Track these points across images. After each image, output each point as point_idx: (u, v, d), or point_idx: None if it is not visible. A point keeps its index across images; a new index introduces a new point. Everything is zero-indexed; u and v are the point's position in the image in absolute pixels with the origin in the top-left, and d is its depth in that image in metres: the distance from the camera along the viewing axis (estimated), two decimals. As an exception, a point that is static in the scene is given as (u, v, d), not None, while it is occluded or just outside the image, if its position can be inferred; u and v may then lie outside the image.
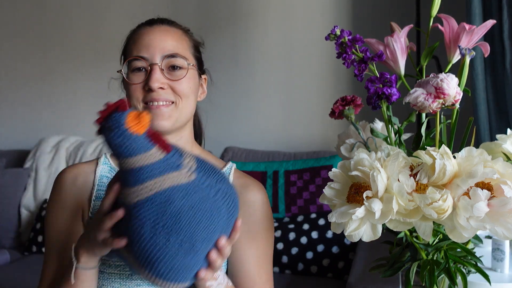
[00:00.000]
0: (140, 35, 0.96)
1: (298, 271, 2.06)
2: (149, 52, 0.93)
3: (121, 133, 0.66)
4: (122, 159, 0.67)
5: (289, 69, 2.63)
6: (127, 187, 0.68)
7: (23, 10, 3.10)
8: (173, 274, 0.68)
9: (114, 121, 0.66)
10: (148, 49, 0.93)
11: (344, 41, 0.73)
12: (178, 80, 0.94)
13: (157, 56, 0.93)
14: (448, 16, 0.76)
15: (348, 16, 2.53)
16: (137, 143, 0.67)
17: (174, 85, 0.93)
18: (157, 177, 0.67)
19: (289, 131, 2.64)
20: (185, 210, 0.67)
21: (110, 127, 0.67)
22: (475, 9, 1.81)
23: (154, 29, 0.97)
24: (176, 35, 0.98)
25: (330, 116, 0.78)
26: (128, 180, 0.67)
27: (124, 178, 0.68)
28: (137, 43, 0.95)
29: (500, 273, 1.22)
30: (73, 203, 0.96)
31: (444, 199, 0.62)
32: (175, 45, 0.95)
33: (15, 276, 2.16)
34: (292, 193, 2.24)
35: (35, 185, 2.68)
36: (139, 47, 0.94)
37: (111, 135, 0.67)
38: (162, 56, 0.93)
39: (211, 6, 2.74)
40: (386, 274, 0.75)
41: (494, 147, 0.75)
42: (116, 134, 0.66)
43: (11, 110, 3.15)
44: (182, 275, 0.69)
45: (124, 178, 0.68)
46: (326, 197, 0.70)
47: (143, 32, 0.96)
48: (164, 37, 0.95)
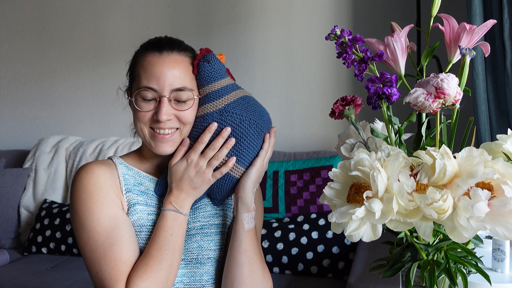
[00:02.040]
0: (150, 64, 1.01)
1: (298, 271, 2.06)
2: (159, 84, 1.00)
3: (215, 60, 1.05)
4: (213, 81, 1.04)
5: (289, 69, 2.63)
6: (215, 100, 1.03)
7: (23, 10, 3.10)
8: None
9: (210, 56, 1.04)
10: (158, 81, 1.00)
11: (344, 41, 0.73)
12: (184, 111, 1.02)
13: (166, 89, 1.00)
14: (449, 16, 0.76)
15: (348, 16, 2.53)
16: (223, 70, 1.06)
17: (180, 115, 1.02)
18: (237, 90, 1.06)
19: (289, 131, 2.64)
20: (255, 108, 1.06)
21: (208, 59, 1.04)
22: (475, 9, 1.81)
23: (163, 59, 1.01)
24: (184, 65, 1.03)
25: (330, 116, 0.78)
26: (216, 96, 1.03)
27: (211, 96, 1.03)
28: (147, 72, 1.01)
29: (500, 273, 1.22)
30: (112, 191, 0.99)
31: (445, 199, 0.62)
32: (183, 78, 1.02)
33: (15, 276, 2.16)
34: (292, 193, 2.24)
35: (35, 185, 2.68)
36: (149, 78, 1.00)
37: (210, 63, 1.04)
38: (171, 90, 1.00)
39: (211, 6, 2.74)
40: (386, 275, 0.74)
41: (494, 147, 0.75)
42: (213, 62, 1.04)
43: (11, 110, 3.15)
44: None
45: (211, 96, 1.03)
46: (326, 197, 0.70)
47: (153, 60, 1.01)
48: (173, 69, 1.01)
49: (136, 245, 0.97)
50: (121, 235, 0.95)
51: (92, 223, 0.95)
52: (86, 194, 0.97)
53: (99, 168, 1.01)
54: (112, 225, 0.95)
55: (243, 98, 1.04)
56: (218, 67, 1.04)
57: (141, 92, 1.00)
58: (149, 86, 0.99)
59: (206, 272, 1.05)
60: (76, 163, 2.67)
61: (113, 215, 0.96)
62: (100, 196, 0.97)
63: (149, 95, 1.00)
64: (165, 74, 1.00)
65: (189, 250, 1.04)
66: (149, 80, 1.00)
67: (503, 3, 1.79)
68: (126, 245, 0.94)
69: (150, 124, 1.01)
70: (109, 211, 0.96)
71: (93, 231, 0.95)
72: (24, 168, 2.72)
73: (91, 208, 0.96)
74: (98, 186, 0.98)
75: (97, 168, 1.00)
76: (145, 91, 1.00)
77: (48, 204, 2.55)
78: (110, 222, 0.95)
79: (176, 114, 1.01)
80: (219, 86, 1.03)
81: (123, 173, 1.04)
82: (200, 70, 1.03)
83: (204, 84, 1.03)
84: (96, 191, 0.97)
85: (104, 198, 0.97)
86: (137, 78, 1.03)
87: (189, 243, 1.04)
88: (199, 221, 1.07)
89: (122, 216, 0.98)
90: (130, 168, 1.06)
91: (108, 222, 0.95)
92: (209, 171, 1.00)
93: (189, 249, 1.04)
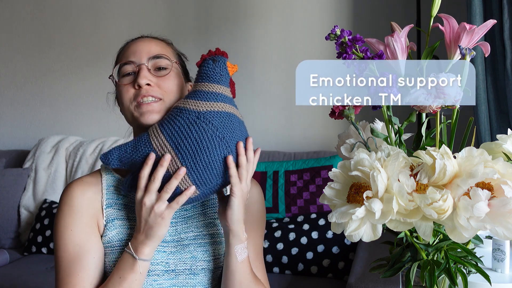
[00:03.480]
0: (127, 46, 1.06)
1: (298, 271, 2.06)
2: (136, 56, 1.01)
3: (223, 64, 0.97)
4: (209, 82, 0.95)
5: (289, 69, 2.63)
6: (200, 101, 0.93)
7: (22, 10, 3.10)
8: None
9: (219, 57, 0.97)
10: (135, 54, 1.02)
11: (344, 41, 0.73)
12: (163, 77, 1.01)
13: (143, 58, 1.01)
14: (449, 16, 0.76)
15: (348, 16, 2.53)
16: (226, 78, 0.97)
17: (160, 82, 1.00)
18: (229, 104, 0.95)
19: (289, 131, 2.64)
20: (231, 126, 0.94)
21: (216, 59, 0.97)
22: (475, 9, 1.81)
23: (139, 39, 1.06)
24: (161, 43, 1.07)
25: (330, 116, 0.77)
26: (203, 97, 0.94)
27: (198, 95, 0.94)
28: (125, 52, 1.04)
29: (500, 273, 1.22)
30: (87, 214, 0.99)
31: (445, 199, 0.62)
32: (159, 48, 1.04)
33: (15, 276, 2.16)
34: (292, 193, 2.24)
35: (35, 185, 2.68)
36: (127, 54, 1.03)
37: (216, 63, 0.96)
38: (148, 58, 1.01)
39: (211, 6, 2.74)
40: (386, 275, 0.74)
41: (494, 147, 0.75)
42: (219, 64, 0.97)
43: (11, 110, 3.15)
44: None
45: (198, 95, 0.94)
46: (326, 197, 0.70)
47: (130, 43, 1.06)
48: (148, 43, 1.04)
49: (95, 277, 0.97)
50: (81, 266, 0.95)
51: (59, 246, 0.97)
52: (60, 216, 0.99)
53: (80, 188, 1.00)
54: (75, 254, 0.96)
55: (229, 115, 0.93)
56: (220, 71, 0.97)
57: (121, 69, 1.02)
58: (128, 59, 1.01)
59: (199, 283, 1.02)
60: (76, 163, 2.67)
61: (80, 244, 0.96)
62: (71, 221, 0.97)
63: (129, 69, 1.01)
64: (142, 46, 1.03)
65: (181, 261, 1.00)
66: (127, 56, 1.02)
67: (503, 3, 1.79)
68: (82, 278, 0.95)
69: (135, 97, 0.99)
70: (76, 239, 0.96)
71: (60, 254, 0.97)
72: (24, 168, 2.72)
73: (61, 232, 0.97)
74: (73, 209, 0.98)
75: (77, 188, 1.00)
76: (124, 65, 1.01)
77: (48, 204, 2.55)
78: (75, 251, 0.96)
79: (156, 82, 0.99)
80: (211, 90, 0.95)
81: (108, 185, 1.02)
82: (203, 65, 0.98)
83: (199, 80, 0.97)
84: (68, 215, 0.98)
85: (75, 223, 0.97)
86: (117, 62, 1.05)
87: (182, 253, 1.01)
88: (192, 231, 1.03)
89: (88, 245, 0.97)
90: (118, 178, 1.04)
91: (72, 250, 0.96)
92: (161, 205, 0.89)
93: (181, 259, 1.01)
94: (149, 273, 0.98)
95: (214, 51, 0.99)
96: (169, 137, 0.90)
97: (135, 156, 0.92)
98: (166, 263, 0.99)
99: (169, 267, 0.99)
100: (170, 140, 0.90)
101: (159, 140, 0.91)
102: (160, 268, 0.99)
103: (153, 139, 0.92)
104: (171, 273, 1.00)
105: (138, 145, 0.93)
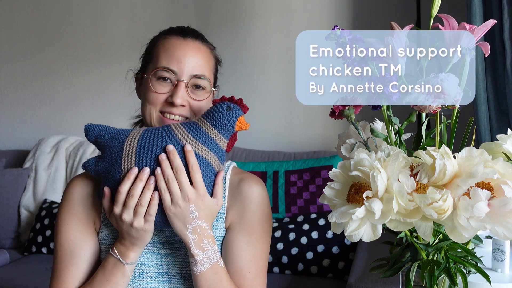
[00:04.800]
0: (173, 45, 0.99)
1: (298, 271, 2.06)
2: (179, 67, 0.97)
3: (234, 116, 0.92)
4: (210, 124, 0.92)
5: (289, 69, 2.63)
6: (192, 138, 0.90)
7: (22, 10, 3.10)
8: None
9: (236, 108, 0.92)
10: (179, 64, 0.97)
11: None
12: (199, 101, 0.99)
13: (186, 73, 0.97)
14: (449, 16, 0.76)
15: (348, 16, 2.53)
16: (228, 129, 0.92)
17: (194, 104, 0.98)
18: (211, 152, 0.92)
19: (289, 131, 2.64)
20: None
21: (231, 108, 0.91)
22: (475, 9, 1.81)
23: (187, 44, 1.00)
24: (206, 55, 1.02)
25: (330, 116, 0.77)
26: (196, 134, 0.91)
27: (194, 129, 0.92)
28: (168, 53, 0.98)
29: (500, 273, 1.22)
30: (83, 210, 0.99)
31: (444, 199, 0.62)
32: (203, 65, 1.00)
33: (15, 276, 2.16)
34: (292, 193, 2.24)
35: (35, 185, 2.68)
36: (170, 59, 0.97)
37: (227, 111, 0.91)
38: (190, 75, 0.97)
39: (211, 6, 2.74)
40: (386, 275, 0.74)
41: (494, 147, 0.75)
42: (231, 114, 0.91)
43: (11, 110, 3.15)
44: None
45: (193, 129, 0.92)
46: (326, 197, 0.70)
47: (176, 43, 0.99)
48: (195, 55, 0.99)
49: (86, 274, 0.97)
50: (72, 261, 0.96)
51: (56, 240, 0.99)
52: (59, 211, 1.00)
53: (80, 183, 1.00)
54: (69, 249, 0.97)
55: (205, 163, 0.91)
56: (227, 121, 0.91)
57: (158, 71, 0.97)
58: (169, 67, 0.96)
59: None
60: (76, 163, 2.67)
61: (73, 240, 0.97)
62: (69, 216, 0.98)
63: (167, 75, 0.97)
64: (187, 58, 0.97)
65: (174, 264, 0.98)
66: (169, 61, 0.97)
67: (503, 3, 1.79)
68: (72, 273, 0.96)
69: (161, 107, 0.97)
70: (70, 235, 0.97)
71: (55, 247, 0.99)
72: (24, 168, 2.72)
73: (58, 226, 0.99)
74: (71, 204, 0.99)
75: (76, 184, 1.00)
76: (163, 71, 0.96)
77: (48, 204, 2.55)
78: (69, 247, 0.97)
79: (190, 102, 0.97)
80: (207, 132, 0.92)
81: None
82: (217, 105, 0.92)
83: (205, 116, 0.93)
84: (66, 209, 0.99)
85: (71, 218, 0.98)
86: (155, 59, 0.99)
87: (174, 256, 0.98)
88: None
89: (81, 241, 0.97)
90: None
91: (66, 245, 0.97)
92: (139, 220, 0.87)
93: (174, 263, 0.98)
94: (142, 276, 0.97)
95: (238, 99, 0.94)
96: (139, 147, 0.90)
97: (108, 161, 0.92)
98: (160, 265, 0.98)
99: (162, 269, 0.98)
100: (139, 149, 0.90)
101: (131, 145, 0.90)
102: (153, 270, 0.97)
103: (127, 143, 0.91)
104: (164, 275, 0.98)
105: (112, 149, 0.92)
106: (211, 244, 0.90)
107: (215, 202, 0.91)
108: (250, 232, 0.98)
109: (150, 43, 1.04)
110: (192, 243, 0.89)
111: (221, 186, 0.93)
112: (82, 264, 0.97)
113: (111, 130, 0.94)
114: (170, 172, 0.87)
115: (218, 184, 0.92)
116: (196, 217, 0.89)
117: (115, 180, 0.90)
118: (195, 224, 0.89)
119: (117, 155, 0.90)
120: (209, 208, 0.90)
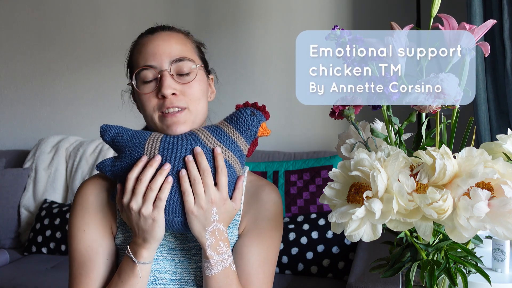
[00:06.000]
0: (144, 44, 0.97)
1: (298, 271, 2.06)
2: (156, 59, 0.94)
3: (257, 122, 0.93)
4: (234, 128, 0.94)
5: (289, 69, 2.63)
6: (217, 141, 0.92)
7: (22, 10, 3.10)
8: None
9: (259, 114, 0.94)
10: (154, 56, 0.94)
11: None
12: (188, 84, 0.95)
13: (164, 62, 0.94)
14: (449, 16, 0.76)
15: (348, 16, 2.53)
16: (251, 134, 0.94)
17: (185, 89, 0.95)
18: (233, 154, 0.93)
19: (289, 131, 2.64)
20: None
21: (255, 114, 0.93)
22: (475, 9, 1.81)
23: (156, 36, 0.97)
24: (179, 38, 0.99)
25: (330, 116, 0.77)
26: (221, 138, 0.93)
27: (219, 133, 0.93)
28: (142, 52, 0.96)
29: (500, 273, 1.22)
30: (100, 215, 0.97)
31: (444, 199, 0.62)
32: (180, 48, 0.96)
33: (15, 276, 2.16)
34: (292, 193, 2.24)
35: (35, 185, 2.68)
36: (146, 56, 0.95)
37: (252, 117, 0.93)
38: (170, 61, 0.94)
39: (211, 6, 2.74)
40: (386, 275, 0.74)
41: (494, 147, 0.75)
42: (254, 119, 0.93)
43: (11, 110, 3.15)
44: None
45: (218, 133, 0.93)
46: (326, 197, 0.70)
47: (146, 41, 0.97)
48: (168, 42, 0.96)
49: (107, 278, 0.96)
50: (92, 267, 0.95)
51: (72, 247, 0.97)
52: (73, 216, 0.98)
53: (93, 186, 0.98)
54: (87, 255, 0.95)
55: (229, 167, 0.92)
56: (251, 126, 0.93)
57: (140, 74, 0.95)
58: (147, 64, 0.94)
59: None
60: (76, 163, 2.67)
61: (92, 245, 0.95)
62: (85, 222, 0.96)
63: (150, 75, 0.94)
64: (161, 48, 0.95)
65: (187, 270, 0.98)
66: (145, 59, 0.94)
67: (503, 3, 1.79)
68: (94, 279, 0.95)
69: (159, 107, 0.94)
70: (87, 242, 0.95)
71: (73, 254, 0.97)
72: (24, 168, 2.72)
73: (74, 232, 0.97)
74: (85, 209, 0.97)
75: (91, 186, 0.98)
76: (144, 71, 0.94)
77: (48, 204, 2.55)
78: (87, 252, 0.95)
79: (181, 89, 0.94)
80: (232, 136, 0.93)
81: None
82: (241, 110, 0.94)
83: (229, 120, 0.95)
84: (81, 216, 0.97)
85: (88, 223, 0.96)
86: (135, 64, 0.97)
87: (188, 263, 0.98)
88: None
89: (100, 246, 0.96)
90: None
91: (84, 251, 0.95)
92: (148, 207, 0.86)
93: (187, 269, 0.98)
94: (156, 282, 0.96)
95: (261, 106, 0.95)
96: (163, 148, 0.91)
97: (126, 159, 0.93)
98: (174, 272, 0.97)
99: (176, 276, 0.97)
100: (162, 150, 0.91)
101: (153, 146, 0.91)
102: (167, 276, 0.97)
103: (148, 144, 0.92)
104: (177, 282, 0.97)
105: (132, 145, 0.93)
106: (226, 247, 0.90)
107: (234, 206, 0.92)
108: (262, 238, 0.98)
109: (128, 55, 1.03)
110: (209, 245, 0.88)
111: (241, 191, 0.94)
112: (104, 269, 0.96)
113: (129, 131, 0.94)
114: (196, 173, 0.87)
115: (238, 189, 0.93)
116: (216, 220, 0.88)
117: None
118: (215, 227, 0.88)
119: (138, 155, 0.90)
120: (228, 212, 0.91)
